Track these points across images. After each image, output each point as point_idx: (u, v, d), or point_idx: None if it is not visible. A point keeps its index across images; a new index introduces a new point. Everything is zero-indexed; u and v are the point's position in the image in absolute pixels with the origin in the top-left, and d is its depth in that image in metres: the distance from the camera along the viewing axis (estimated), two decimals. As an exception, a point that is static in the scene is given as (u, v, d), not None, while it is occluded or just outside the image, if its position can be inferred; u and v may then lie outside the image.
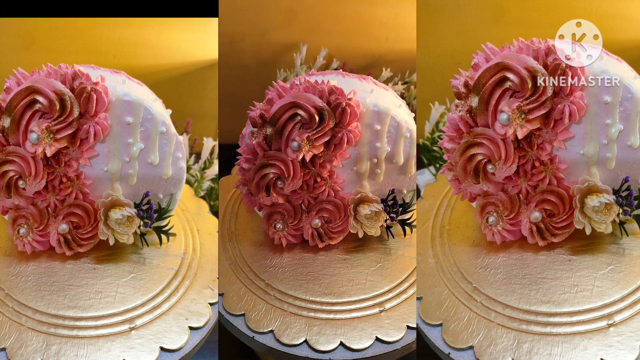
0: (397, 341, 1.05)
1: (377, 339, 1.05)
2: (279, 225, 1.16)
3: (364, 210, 1.14)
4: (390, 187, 1.17)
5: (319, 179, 1.13)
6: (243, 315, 1.08)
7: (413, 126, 1.14)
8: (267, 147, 1.11)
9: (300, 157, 1.09)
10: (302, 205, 1.16)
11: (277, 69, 1.47)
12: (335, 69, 1.43)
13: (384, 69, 1.52)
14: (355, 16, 1.46)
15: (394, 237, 1.20)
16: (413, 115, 1.17)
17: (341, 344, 1.04)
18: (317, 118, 1.07)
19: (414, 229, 1.20)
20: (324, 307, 1.08)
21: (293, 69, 1.46)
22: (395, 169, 1.15)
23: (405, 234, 1.20)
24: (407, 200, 1.18)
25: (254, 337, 1.06)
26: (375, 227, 1.16)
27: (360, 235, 1.17)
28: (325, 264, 1.15)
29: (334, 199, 1.15)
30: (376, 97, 1.12)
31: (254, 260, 1.16)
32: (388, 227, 1.19)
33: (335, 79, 1.13)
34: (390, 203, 1.17)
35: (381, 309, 1.08)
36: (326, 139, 1.10)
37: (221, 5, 1.43)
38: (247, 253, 1.17)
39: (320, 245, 1.17)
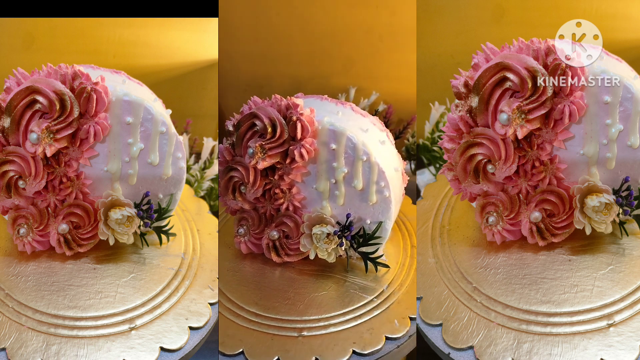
0: None
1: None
2: (241, 230, 1.17)
3: (316, 229, 1.11)
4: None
5: (278, 191, 1.13)
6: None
7: (373, 151, 1.08)
8: (233, 153, 1.13)
9: (253, 163, 1.10)
10: (266, 216, 1.16)
11: None
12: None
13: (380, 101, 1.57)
14: (406, 64, 1.52)
15: (349, 270, 1.14)
16: (386, 141, 1.12)
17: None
18: (269, 129, 1.09)
19: (380, 267, 1.12)
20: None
21: None
22: (356, 194, 1.10)
23: (367, 269, 1.13)
24: (369, 232, 1.12)
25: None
26: (327, 250, 1.11)
27: (312, 256, 1.13)
28: (284, 280, 1.13)
29: (294, 215, 1.14)
30: (339, 119, 1.09)
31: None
32: (349, 257, 1.14)
33: (312, 102, 1.13)
34: (346, 230, 1.11)
35: (299, 334, 1.05)
36: (280, 150, 1.09)
37: (291, 51, 1.54)
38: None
39: (276, 259, 1.15)
